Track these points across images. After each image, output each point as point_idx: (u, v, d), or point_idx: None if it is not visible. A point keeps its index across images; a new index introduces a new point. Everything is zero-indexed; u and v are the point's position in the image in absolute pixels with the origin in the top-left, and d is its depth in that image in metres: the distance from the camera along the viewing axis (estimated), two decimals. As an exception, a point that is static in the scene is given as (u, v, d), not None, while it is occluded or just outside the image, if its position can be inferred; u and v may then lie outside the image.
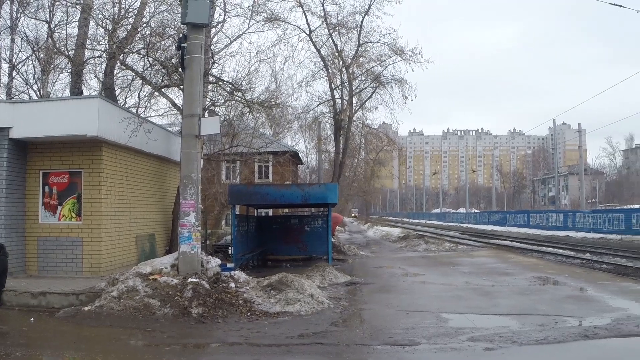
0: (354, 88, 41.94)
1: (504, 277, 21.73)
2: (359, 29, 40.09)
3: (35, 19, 31.65)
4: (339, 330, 12.62)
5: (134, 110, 23.70)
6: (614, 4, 28.53)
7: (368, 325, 13.13)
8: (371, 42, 40.77)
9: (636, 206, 77.06)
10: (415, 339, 11.55)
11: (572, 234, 52.36)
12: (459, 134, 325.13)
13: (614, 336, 11.82)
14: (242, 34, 27.37)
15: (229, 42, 26.46)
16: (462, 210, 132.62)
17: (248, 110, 28.09)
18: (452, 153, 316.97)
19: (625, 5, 28.63)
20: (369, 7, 39.27)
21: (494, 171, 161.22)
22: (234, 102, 27.65)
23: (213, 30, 25.14)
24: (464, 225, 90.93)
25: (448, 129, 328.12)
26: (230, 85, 25.62)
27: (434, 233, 62.41)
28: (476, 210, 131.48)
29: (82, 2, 26.14)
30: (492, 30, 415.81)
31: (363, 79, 42.60)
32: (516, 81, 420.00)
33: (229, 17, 26.44)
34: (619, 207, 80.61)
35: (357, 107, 43.44)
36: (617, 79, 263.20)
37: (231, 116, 29.74)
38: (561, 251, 35.35)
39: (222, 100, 27.38)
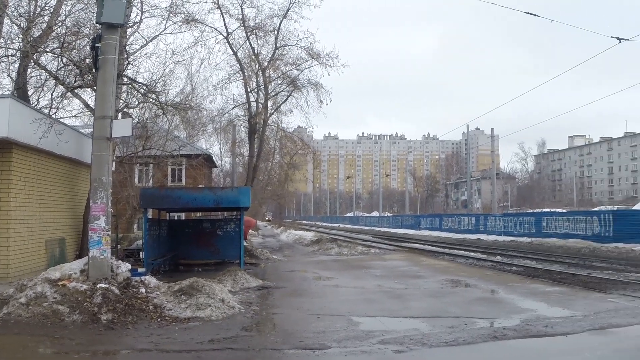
0: (269, 91, 41.81)
1: (415, 280, 21.97)
2: (276, 32, 40.00)
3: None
4: (249, 335, 12.55)
5: (47, 111, 23.20)
6: (527, 13, 28.94)
7: (279, 330, 13.11)
8: (288, 45, 40.72)
9: (546, 210, 78.56)
10: (326, 343, 11.57)
11: (483, 237, 53.15)
12: (373, 138, 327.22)
13: (523, 337, 12.10)
14: (158, 35, 27.09)
15: (145, 43, 26.14)
16: (375, 214, 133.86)
17: (162, 112, 27.87)
18: (367, 157, 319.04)
19: (539, 14, 29.07)
20: (288, 10, 39.25)
21: (408, 175, 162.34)
22: (148, 104, 27.41)
23: (129, 30, 24.80)
24: (377, 228, 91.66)
25: (363, 133, 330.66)
26: (144, 87, 25.37)
27: (347, 237, 62.67)
28: (389, 214, 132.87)
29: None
30: (410, 36, 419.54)
31: (279, 82, 42.52)
32: (432, 86, 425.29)
33: (145, 17, 26.04)
34: (529, 211, 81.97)
35: (273, 111, 43.36)
36: (531, 86, 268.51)
37: (145, 118, 29.47)
38: (472, 254, 35.93)
39: (137, 102, 27.10)
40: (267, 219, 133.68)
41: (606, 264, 28.69)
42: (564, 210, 66.17)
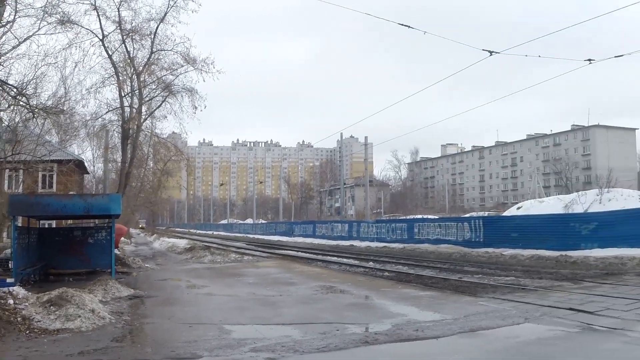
0: (144, 96, 41.05)
1: (288, 287, 22.00)
2: (153, 37, 39.29)
3: None
4: (120, 345, 12.28)
5: None
6: (401, 24, 29.12)
7: (150, 340, 12.93)
8: (165, 50, 40.17)
9: (419, 216, 79.72)
10: (197, 352, 11.45)
11: (356, 243, 53.65)
12: (248, 145, 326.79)
13: (394, 341, 12.27)
14: (32, 36, 26.50)
15: (18, 43, 25.52)
16: (249, 221, 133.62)
17: (32, 116, 27.18)
18: (241, 164, 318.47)
19: (412, 26, 29.37)
20: (165, 14, 38.64)
21: (282, 182, 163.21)
22: (18, 107, 26.67)
23: (1, 30, 24.13)
24: (251, 236, 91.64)
25: (238, 140, 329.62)
26: (15, 90, 24.67)
27: (221, 244, 62.45)
28: (264, 221, 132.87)
29: None
30: (287, 44, 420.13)
31: (154, 87, 41.85)
32: (308, 94, 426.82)
33: (19, 17, 25.32)
34: (402, 217, 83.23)
35: (147, 116, 42.65)
36: (405, 95, 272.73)
37: (15, 122, 28.69)
38: (345, 260, 36.21)
39: (7, 105, 26.34)
40: (140, 226, 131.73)
41: (477, 269, 29.37)
42: (436, 217, 67.36)
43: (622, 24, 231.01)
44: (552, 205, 53.10)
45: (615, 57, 32.14)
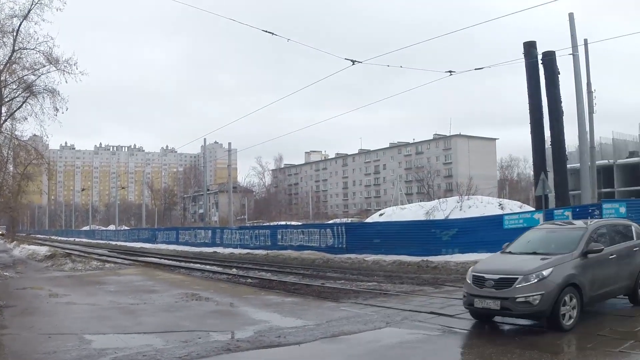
0: (4, 97, 39.82)
1: (150, 295, 21.72)
2: (15, 34, 38.08)
3: None
4: (-29, 359, 11.94)
5: None
6: (265, 31, 28.99)
7: (8, 352, 12.59)
8: (27, 48, 38.85)
9: (282, 223, 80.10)
10: (56, 364, 11.21)
11: (220, 250, 53.63)
12: (111, 149, 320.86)
13: (256, 348, 12.33)
14: None
15: None
16: (112, 227, 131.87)
17: None
18: (104, 169, 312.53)
19: (276, 33, 29.40)
20: (29, 11, 37.11)
21: (145, 188, 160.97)
22: None
23: None
24: (114, 242, 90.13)
25: (101, 143, 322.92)
26: None
27: (83, 251, 61.07)
28: (126, 228, 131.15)
29: None
30: (152, 48, 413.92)
31: (15, 87, 40.53)
32: (173, 99, 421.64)
33: None
34: (266, 224, 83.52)
35: (7, 117, 41.45)
36: (270, 102, 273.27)
37: None
38: (209, 267, 36.05)
39: None
40: (0, 233, 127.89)
41: (339, 274, 29.67)
42: (300, 223, 67.85)
43: (483, 39, 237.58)
44: (414, 211, 54.27)
45: (476, 69, 33.10)
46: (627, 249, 15.45)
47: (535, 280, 12.76)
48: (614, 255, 14.69)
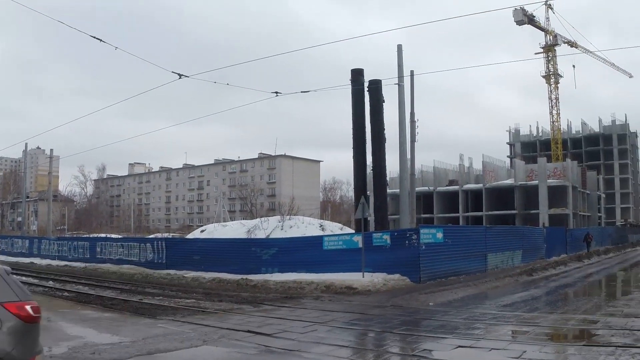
0: None
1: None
2: None
3: None
4: None
5: None
6: (93, 37, 28.37)
7: None
8: None
9: (102, 235, 78.60)
10: None
11: (37, 260, 52.08)
12: None
13: (70, 364, 12.01)
14: None
15: None
16: None
17: None
18: None
19: (105, 40, 28.95)
20: None
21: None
22: None
23: None
24: None
25: None
26: None
27: None
28: None
29: None
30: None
31: None
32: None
33: None
34: (85, 235, 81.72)
35: None
36: (92, 110, 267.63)
37: None
38: (24, 279, 34.76)
39: None
40: None
41: (158, 290, 29.45)
42: (120, 236, 66.97)
43: (313, 64, 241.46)
44: (235, 229, 54.30)
45: (302, 92, 33.73)
46: None
47: None
48: None
